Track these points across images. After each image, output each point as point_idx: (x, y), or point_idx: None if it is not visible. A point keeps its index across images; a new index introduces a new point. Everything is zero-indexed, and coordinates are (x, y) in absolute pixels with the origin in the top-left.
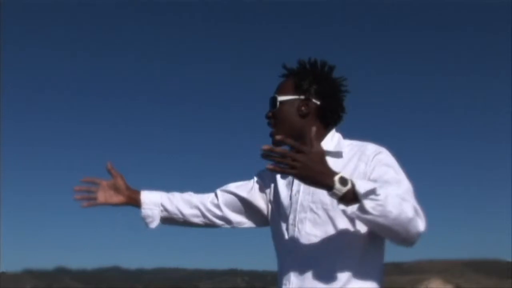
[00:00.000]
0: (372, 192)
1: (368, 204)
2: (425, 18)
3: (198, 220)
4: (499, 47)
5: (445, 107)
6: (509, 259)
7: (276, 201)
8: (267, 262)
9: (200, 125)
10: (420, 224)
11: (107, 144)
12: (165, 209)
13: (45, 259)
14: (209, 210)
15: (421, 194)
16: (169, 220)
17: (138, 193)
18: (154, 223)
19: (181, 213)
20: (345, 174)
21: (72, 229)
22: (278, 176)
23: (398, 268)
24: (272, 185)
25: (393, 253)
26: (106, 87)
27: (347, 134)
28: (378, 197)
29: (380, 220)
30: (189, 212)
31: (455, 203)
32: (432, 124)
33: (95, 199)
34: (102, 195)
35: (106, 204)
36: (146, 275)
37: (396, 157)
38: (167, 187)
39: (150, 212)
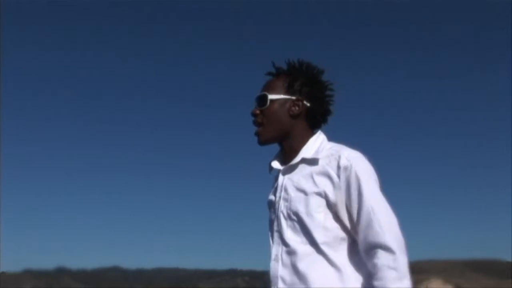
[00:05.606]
0: None
1: None
2: (424, 17)
3: None
4: (499, 47)
5: (445, 107)
6: (509, 259)
7: (268, 207)
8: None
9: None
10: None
11: (107, 144)
12: None
13: (45, 259)
14: None
15: (421, 194)
16: None
17: None
18: None
19: None
20: None
21: (72, 229)
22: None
23: None
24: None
25: None
26: (105, 87)
27: (347, 135)
28: None
29: None
30: None
31: (455, 203)
32: (431, 124)
33: None
34: None
35: None
36: (146, 275)
37: (394, 159)
38: (166, 187)
39: None
